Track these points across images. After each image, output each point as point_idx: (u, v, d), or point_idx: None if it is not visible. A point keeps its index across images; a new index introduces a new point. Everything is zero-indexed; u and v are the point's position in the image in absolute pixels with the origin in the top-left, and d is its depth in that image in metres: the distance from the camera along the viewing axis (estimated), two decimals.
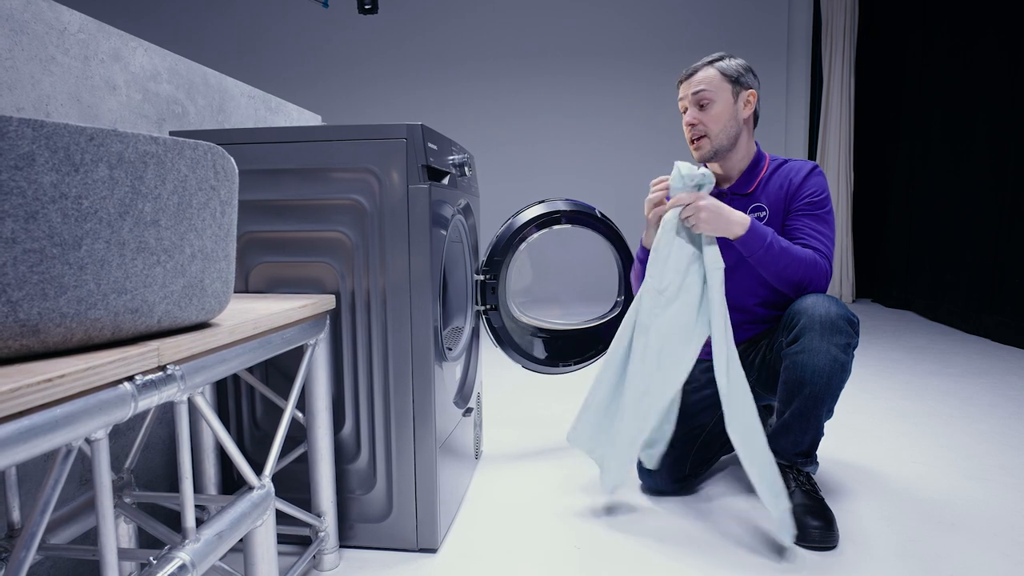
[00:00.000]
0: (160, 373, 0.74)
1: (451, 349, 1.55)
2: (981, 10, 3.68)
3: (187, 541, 0.82)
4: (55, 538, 0.96)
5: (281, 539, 1.37)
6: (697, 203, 1.38)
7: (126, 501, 1.11)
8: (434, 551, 1.36)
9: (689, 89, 1.55)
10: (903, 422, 2.15)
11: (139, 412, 0.71)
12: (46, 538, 0.95)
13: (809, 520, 1.36)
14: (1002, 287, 3.45)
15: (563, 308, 1.93)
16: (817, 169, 1.55)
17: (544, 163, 5.44)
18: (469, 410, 1.67)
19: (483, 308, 1.75)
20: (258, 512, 0.96)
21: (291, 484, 1.38)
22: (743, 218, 1.40)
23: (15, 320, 0.62)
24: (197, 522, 0.91)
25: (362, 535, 1.37)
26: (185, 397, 0.80)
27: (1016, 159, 3.35)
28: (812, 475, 1.47)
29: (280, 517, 1.29)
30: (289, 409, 1.10)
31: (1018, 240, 3.32)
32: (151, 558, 0.79)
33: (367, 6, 4.13)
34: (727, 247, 1.50)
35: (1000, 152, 3.49)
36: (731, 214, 1.40)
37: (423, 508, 1.35)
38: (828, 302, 1.38)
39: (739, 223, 1.39)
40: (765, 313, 1.59)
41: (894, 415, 2.23)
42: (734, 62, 1.54)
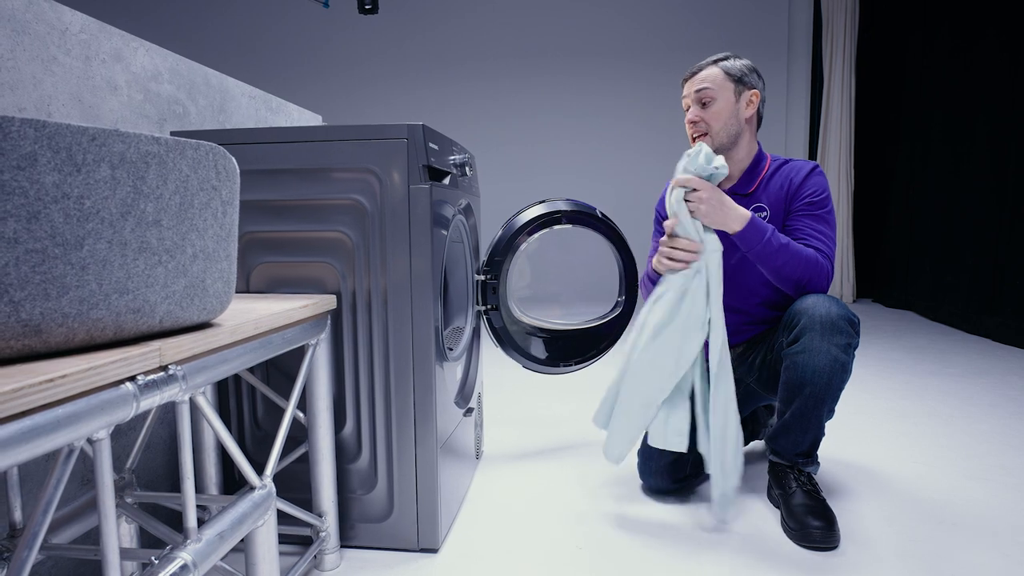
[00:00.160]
0: (162, 373, 0.74)
1: (452, 349, 1.55)
2: (982, 11, 3.68)
3: (189, 541, 0.82)
4: (57, 538, 0.96)
5: (282, 539, 1.37)
6: (701, 193, 1.38)
7: (128, 501, 1.11)
8: (435, 551, 1.36)
9: (692, 87, 1.56)
10: (903, 422, 2.15)
11: (141, 412, 0.71)
12: (48, 538, 0.95)
13: (810, 520, 1.36)
14: (1002, 288, 3.45)
15: (564, 308, 1.93)
16: (817, 169, 1.55)
17: (544, 163, 5.44)
18: (470, 410, 1.67)
19: (484, 308, 1.76)
20: (259, 512, 0.97)
21: (292, 484, 1.39)
22: (743, 213, 1.40)
23: (17, 320, 0.62)
24: (198, 522, 0.91)
25: (363, 535, 1.37)
26: (187, 397, 0.80)
27: (1016, 160, 3.35)
28: (813, 475, 1.48)
29: (281, 517, 1.29)
30: (290, 409, 1.10)
31: (1018, 241, 3.32)
32: (153, 558, 0.79)
33: (367, 6, 4.13)
34: (730, 248, 1.50)
35: (1000, 153, 3.49)
36: (733, 208, 1.40)
37: (424, 508, 1.35)
38: (829, 302, 1.38)
39: (739, 218, 1.40)
40: (767, 314, 1.59)
41: (894, 415, 2.23)
42: (739, 62, 1.54)
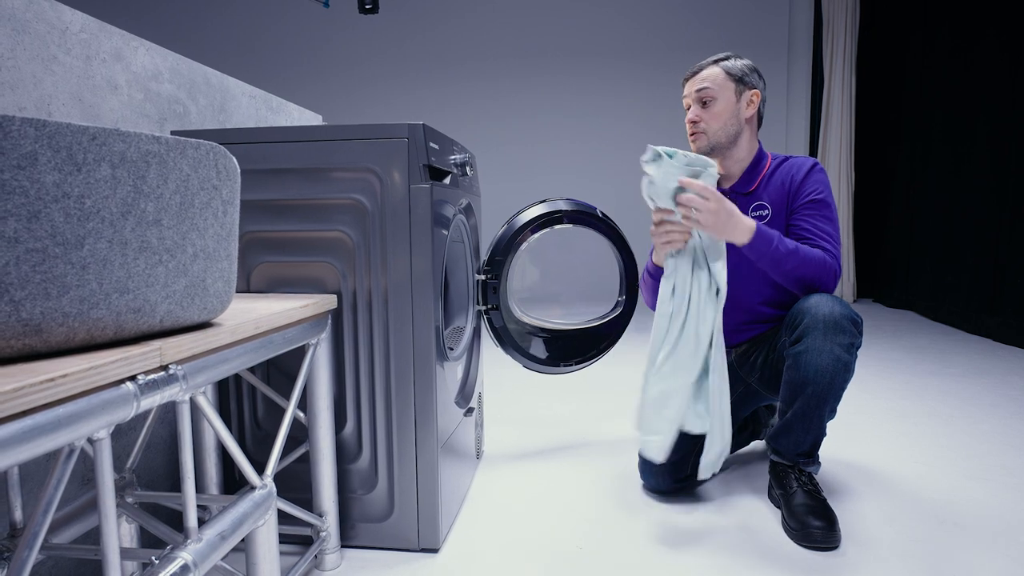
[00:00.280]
0: (162, 373, 0.74)
1: (452, 349, 1.54)
2: (982, 11, 3.68)
3: (189, 541, 0.82)
4: (57, 538, 0.96)
5: (283, 539, 1.37)
6: (710, 204, 1.30)
7: (128, 501, 1.11)
8: (436, 551, 1.36)
9: (693, 86, 1.55)
10: (904, 422, 2.15)
11: (141, 412, 0.71)
12: (48, 538, 0.95)
13: (811, 520, 1.36)
14: (1003, 288, 3.45)
15: (564, 308, 1.92)
16: (818, 166, 1.55)
17: (544, 163, 5.43)
18: (470, 410, 1.67)
19: (484, 308, 1.75)
20: (260, 512, 0.96)
21: (293, 484, 1.38)
22: (749, 224, 1.36)
23: (18, 319, 0.62)
24: (199, 522, 0.91)
25: (364, 535, 1.37)
26: (187, 397, 0.80)
27: (1017, 161, 3.35)
28: (814, 475, 1.47)
29: (282, 517, 1.29)
30: (291, 409, 1.10)
31: (1019, 241, 3.32)
32: (153, 558, 0.79)
33: (367, 6, 4.13)
34: (731, 247, 1.50)
35: (1001, 153, 3.49)
36: (740, 219, 1.35)
37: (424, 508, 1.35)
38: (832, 302, 1.37)
39: (745, 229, 1.36)
40: (770, 313, 1.59)
41: (895, 415, 2.23)
42: (740, 62, 1.54)
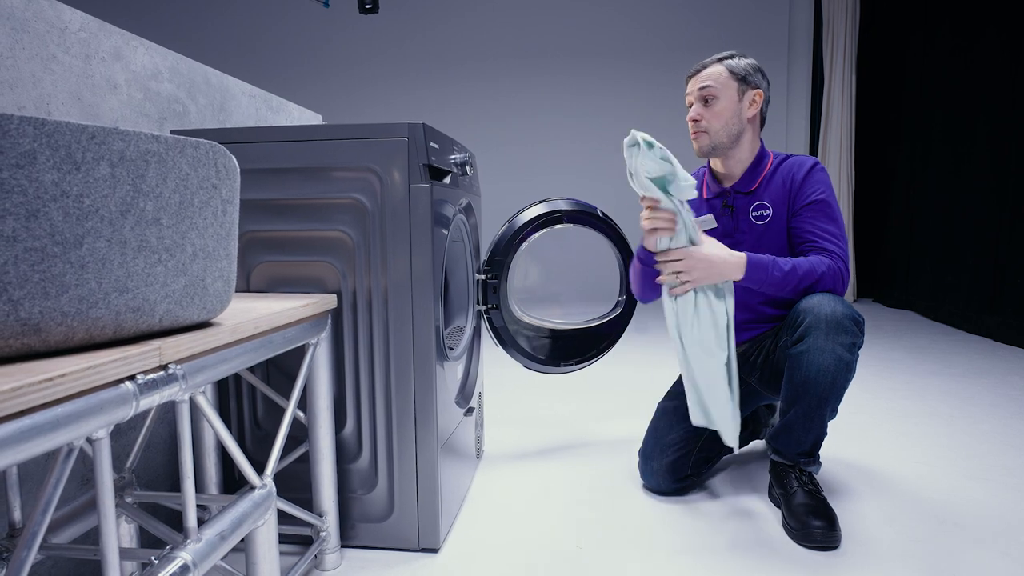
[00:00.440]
0: (161, 372, 0.74)
1: (453, 349, 1.54)
2: (982, 10, 3.67)
3: (189, 541, 0.81)
4: (56, 538, 0.96)
5: (283, 539, 1.37)
6: (686, 262, 1.37)
7: (127, 501, 1.10)
8: (436, 551, 1.36)
9: (696, 85, 1.54)
10: (905, 422, 2.15)
11: (140, 411, 0.70)
12: (47, 538, 0.95)
13: (812, 520, 1.35)
14: (1003, 287, 3.45)
15: (565, 307, 1.92)
16: (818, 165, 1.54)
17: (544, 163, 5.43)
18: (471, 410, 1.67)
19: (484, 308, 1.75)
20: (260, 512, 0.96)
21: (293, 484, 1.38)
22: (738, 261, 1.38)
23: (16, 319, 0.62)
24: (199, 522, 0.91)
25: (364, 535, 1.37)
26: (187, 396, 0.80)
27: (1017, 161, 3.35)
28: (815, 475, 1.47)
29: (281, 517, 1.28)
30: (291, 409, 1.10)
31: (1019, 241, 3.32)
32: (152, 558, 0.78)
33: (368, 6, 4.13)
34: (732, 246, 1.50)
35: (1001, 153, 3.48)
36: (725, 261, 1.37)
37: (425, 508, 1.34)
38: (834, 301, 1.37)
39: (735, 267, 1.38)
40: (772, 312, 1.58)
41: (895, 415, 2.23)
42: (744, 61, 1.53)
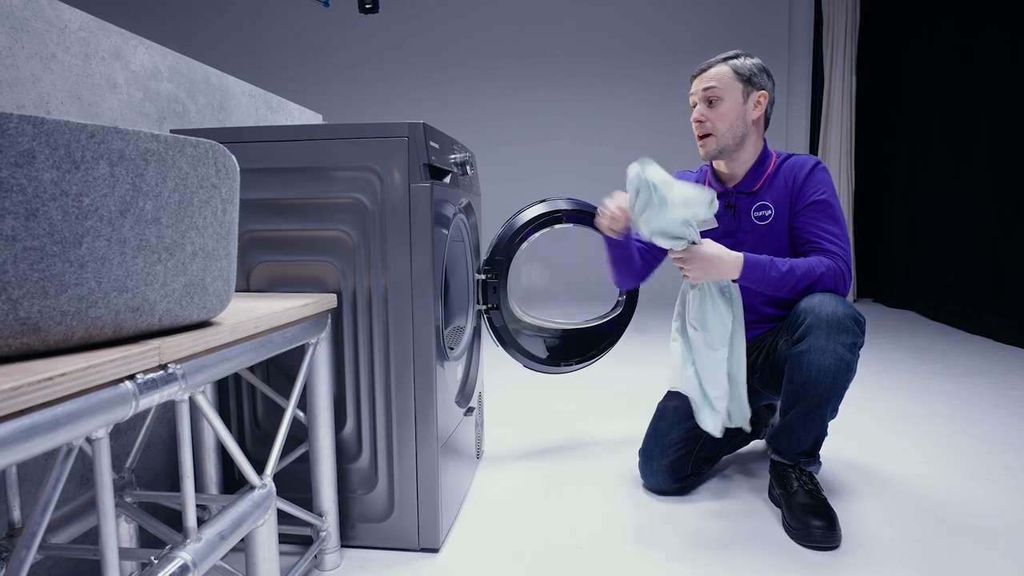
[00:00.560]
0: (161, 372, 0.74)
1: (453, 348, 1.54)
2: (982, 10, 3.67)
3: (188, 541, 0.81)
4: (56, 537, 0.96)
5: (282, 539, 1.37)
6: (684, 255, 1.39)
7: (127, 500, 1.10)
8: (436, 551, 1.35)
9: (700, 85, 1.53)
10: (905, 422, 2.15)
11: (140, 411, 0.70)
12: (47, 537, 0.95)
13: (812, 520, 1.35)
14: (1003, 287, 3.44)
15: (564, 307, 1.92)
16: (820, 165, 1.53)
17: (544, 163, 5.43)
18: (471, 409, 1.67)
19: (484, 307, 1.75)
20: (259, 512, 0.96)
21: (292, 484, 1.38)
22: (735, 261, 1.39)
23: (15, 318, 0.62)
24: (198, 522, 0.91)
25: (364, 535, 1.37)
26: (186, 396, 0.80)
27: (1017, 160, 3.35)
28: (815, 475, 1.47)
29: (281, 517, 1.28)
30: (290, 408, 1.10)
31: (1019, 241, 3.32)
32: (152, 558, 0.78)
33: (368, 5, 4.12)
34: (733, 246, 1.50)
35: (1001, 153, 3.48)
36: (722, 260, 1.39)
37: (425, 508, 1.34)
38: (834, 301, 1.37)
39: (732, 267, 1.39)
40: (772, 312, 1.58)
41: (896, 415, 2.23)
42: (749, 61, 1.51)
